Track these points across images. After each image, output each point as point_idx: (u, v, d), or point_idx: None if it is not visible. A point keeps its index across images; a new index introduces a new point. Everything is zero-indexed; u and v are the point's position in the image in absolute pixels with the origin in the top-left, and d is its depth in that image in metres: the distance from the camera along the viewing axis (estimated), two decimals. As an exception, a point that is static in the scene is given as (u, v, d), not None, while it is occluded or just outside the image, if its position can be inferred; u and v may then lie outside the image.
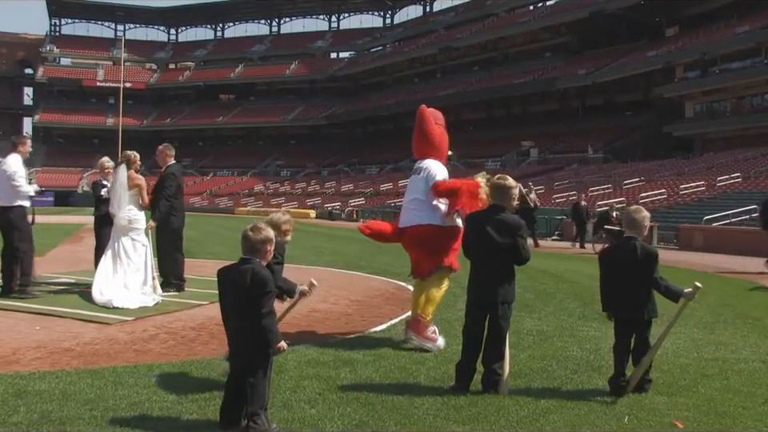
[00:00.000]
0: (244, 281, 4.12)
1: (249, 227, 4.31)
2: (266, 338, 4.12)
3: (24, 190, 9.27)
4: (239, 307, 4.17)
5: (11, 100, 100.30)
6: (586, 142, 50.35)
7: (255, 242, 4.25)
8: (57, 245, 19.07)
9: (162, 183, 9.72)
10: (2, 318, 7.81)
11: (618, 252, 5.50)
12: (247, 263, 4.21)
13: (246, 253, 4.25)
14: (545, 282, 12.13)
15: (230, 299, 4.27)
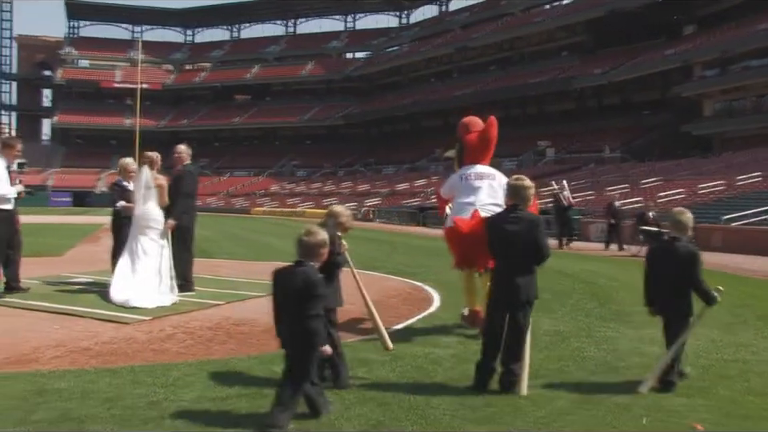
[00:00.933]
0: (295, 283, 4.34)
1: (303, 231, 4.50)
2: (310, 340, 4.32)
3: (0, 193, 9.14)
4: (289, 308, 4.37)
5: (30, 102, 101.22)
6: (603, 142, 50.07)
7: (310, 246, 4.45)
8: (75, 245, 19.21)
9: (178, 182, 9.75)
10: (22, 316, 7.89)
11: (662, 252, 5.69)
12: (300, 266, 4.40)
13: (301, 256, 4.44)
14: (561, 282, 12.07)
15: (282, 300, 4.45)
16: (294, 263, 4.45)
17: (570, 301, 9.87)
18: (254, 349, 6.43)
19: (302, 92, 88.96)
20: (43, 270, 12.31)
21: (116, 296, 8.69)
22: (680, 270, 5.45)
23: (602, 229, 26.63)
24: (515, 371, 5.22)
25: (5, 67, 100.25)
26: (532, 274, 5.39)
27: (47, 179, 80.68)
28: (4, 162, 9.31)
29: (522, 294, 5.32)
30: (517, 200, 5.51)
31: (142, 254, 8.93)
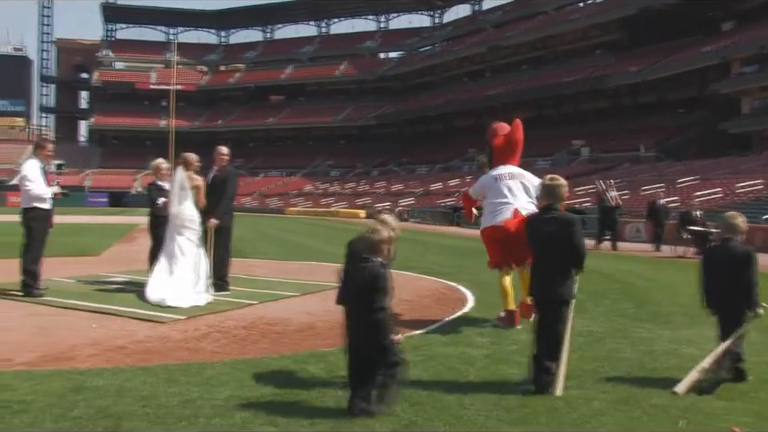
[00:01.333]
0: (362, 278, 4.57)
1: (367, 229, 4.76)
2: (379, 332, 4.57)
3: (35, 192, 9.40)
4: (357, 302, 4.63)
5: (68, 104, 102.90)
6: (638, 141, 49.45)
7: (374, 242, 4.69)
8: (111, 245, 19.45)
9: (224, 183, 9.85)
10: (60, 315, 8.02)
11: (718, 252, 5.78)
12: (366, 261, 4.62)
13: (366, 252, 4.67)
14: (596, 282, 11.95)
15: (351, 295, 4.69)
16: (359, 259, 4.68)
17: (606, 301, 9.77)
18: (287, 348, 6.46)
19: (335, 92, 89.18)
20: (81, 269, 12.50)
21: (152, 295, 8.78)
22: (736, 270, 5.51)
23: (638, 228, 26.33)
24: (551, 370, 5.19)
25: (44, 70, 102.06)
26: (567, 274, 5.38)
27: (84, 180, 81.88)
28: (39, 163, 9.55)
29: (556, 293, 5.34)
30: (551, 200, 5.57)
31: (179, 253, 9.01)
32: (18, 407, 4.50)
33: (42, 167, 9.58)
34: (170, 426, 4.21)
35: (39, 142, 10.23)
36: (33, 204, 9.43)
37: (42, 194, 9.41)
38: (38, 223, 9.46)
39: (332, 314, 8.07)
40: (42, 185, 9.44)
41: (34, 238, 9.47)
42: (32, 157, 9.77)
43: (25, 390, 4.87)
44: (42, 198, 9.42)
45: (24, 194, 9.49)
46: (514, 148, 8.45)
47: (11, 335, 6.86)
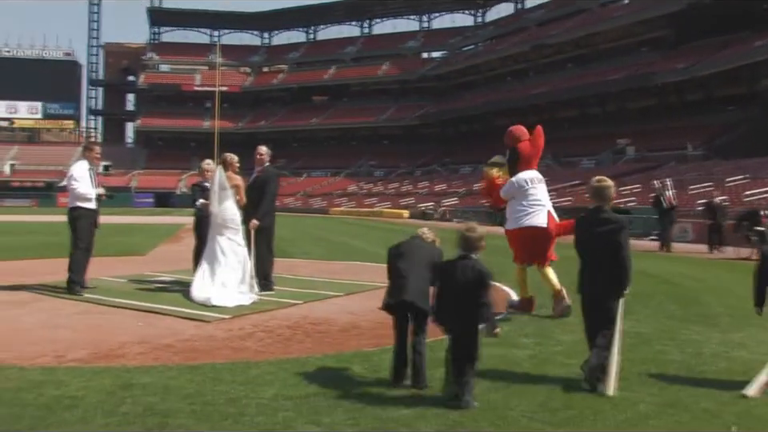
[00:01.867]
0: (466, 274, 4.85)
1: (464, 228, 5.10)
2: (485, 322, 4.93)
3: (79, 191, 9.69)
4: (462, 297, 4.87)
5: (116, 106, 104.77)
6: (685, 139, 48.51)
7: (473, 240, 5.02)
8: (158, 245, 19.72)
9: (265, 183, 9.93)
10: (109, 314, 8.17)
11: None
12: (466, 259, 4.95)
13: (464, 250, 5.00)
14: (643, 283, 11.77)
15: (453, 290, 4.91)
16: (458, 257, 4.99)
17: (653, 302, 9.62)
18: (331, 348, 6.48)
19: (378, 92, 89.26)
20: (128, 268, 12.71)
21: (197, 295, 8.89)
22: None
23: (685, 229, 25.89)
24: (597, 370, 5.23)
25: (93, 74, 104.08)
26: (613, 275, 5.39)
27: (131, 180, 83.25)
28: (86, 164, 9.83)
29: (602, 292, 5.42)
30: (600, 201, 5.64)
31: (221, 253, 9.09)
32: (69, 402, 4.60)
33: (89, 168, 9.83)
34: (216, 424, 4.26)
35: (87, 145, 10.51)
36: (77, 203, 9.72)
37: (86, 194, 9.69)
38: (83, 222, 9.74)
39: (375, 314, 8.09)
40: (87, 185, 9.72)
41: (78, 236, 9.74)
42: (81, 158, 10.07)
43: (76, 386, 4.98)
44: (86, 197, 9.69)
45: (70, 193, 9.80)
46: (538, 153, 8.90)
47: (63, 332, 7.02)
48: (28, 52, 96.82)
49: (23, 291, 9.76)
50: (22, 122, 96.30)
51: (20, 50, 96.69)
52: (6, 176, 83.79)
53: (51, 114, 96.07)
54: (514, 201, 8.64)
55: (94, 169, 10.03)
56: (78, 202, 9.76)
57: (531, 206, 8.46)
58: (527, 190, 8.51)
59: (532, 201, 8.48)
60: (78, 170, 9.81)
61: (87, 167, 9.87)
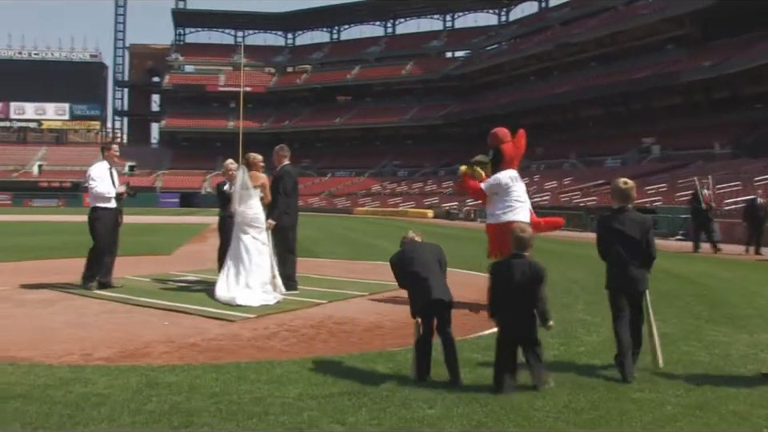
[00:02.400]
0: (524, 272, 5.16)
1: (517, 228, 5.48)
2: (540, 318, 5.20)
3: (97, 191, 9.85)
4: (519, 293, 5.16)
5: (141, 107, 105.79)
6: (712, 138, 47.97)
7: (526, 240, 5.33)
8: (183, 244, 19.86)
9: (277, 182, 9.98)
10: (135, 312, 8.24)
11: None
12: (521, 258, 5.27)
13: (518, 249, 5.32)
14: (669, 283, 11.67)
15: (511, 287, 5.19)
16: (512, 256, 5.33)
17: (678, 303, 9.51)
18: (355, 347, 6.49)
19: (402, 92, 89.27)
20: (153, 268, 12.81)
21: (222, 294, 8.93)
22: None
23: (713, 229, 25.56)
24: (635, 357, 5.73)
25: (118, 75, 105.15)
26: (644, 268, 5.86)
27: (156, 181, 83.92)
28: (105, 164, 9.99)
29: (638, 286, 5.83)
30: (626, 202, 5.93)
31: (245, 253, 9.12)
32: (96, 400, 4.65)
33: (109, 168, 9.95)
34: (240, 423, 4.28)
35: (105, 145, 10.67)
36: (96, 204, 9.88)
37: (105, 193, 9.85)
38: (101, 222, 9.90)
39: (400, 313, 8.09)
40: (106, 184, 9.88)
41: (96, 236, 9.92)
42: (100, 159, 10.22)
43: (103, 384, 5.04)
44: (105, 197, 9.83)
45: (89, 193, 9.90)
46: (520, 155, 9.44)
47: (90, 331, 7.10)
48: (56, 54, 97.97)
49: (51, 290, 9.88)
50: (50, 123, 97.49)
51: (48, 52, 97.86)
52: (35, 176, 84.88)
53: (78, 115, 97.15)
54: (496, 197, 9.01)
55: (113, 168, 10.14)
56: (96, 203, 9.92)
57: (516, 203, 8.92)
58: (510, 187, 8.94)
59: (514, 198, 8.93)
60: (96, 170, 9.97)
61: (106, 167, 10.04)
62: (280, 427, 4.23)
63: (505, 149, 9.27)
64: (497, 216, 8.96)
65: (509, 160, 9.18)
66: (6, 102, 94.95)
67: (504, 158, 9.19)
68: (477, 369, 5.67)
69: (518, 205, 8.92)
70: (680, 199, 35.18)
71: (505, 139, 9.38)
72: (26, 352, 6.10)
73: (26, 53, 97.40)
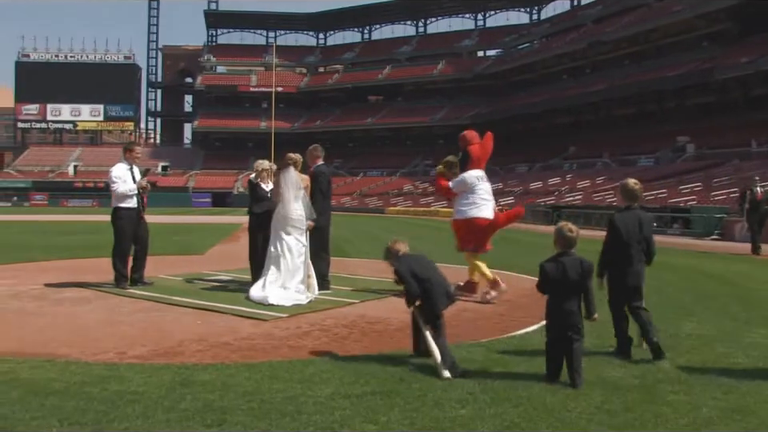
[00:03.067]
0: (576, 268, 5.46)
1: (565, 227, 5.63)
2: (589, 310, 5.54)
3: (118, 191, 10.02)
4: (573, 287, 5.46)
5: (174, 108, 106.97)
6: (749, 136, 47.18)
7: (573, 239, 5.58)
8: (215, 244, 19.99)
9: (312, 182, 10.02)
10: (168, 311, 8.31)
11: None
12: (571, 255, 5.55)
13: (566, 247, 5.57)
14: (704, 284, 11.52)
15: (566, 283, 5.46)
16: (560, 254, 5.56)
17: (715, 304, 9.38)
18: (388, 347, 6.48)
19: (433, 92, 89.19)
20: (186, 267, 12.92)
21: (255, 294, 8.97)
22: None
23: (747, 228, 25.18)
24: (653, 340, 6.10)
25: (151, 76, 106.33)
26: (643, 260, 6.31)
27: (188, 181, 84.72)
28: (126, 164, 10.19)
29: (642, 280, 6.28)
30: (634, 200, 6.41)
31: (288, 253, 9.10)
32: (131, 397, 4.71)
33: (129, 168, 10.17)
34: (273, 422, 4.30)
35: (128, 145, 10.77)
36: (117, 204, 10.06)
37: (126, 192, 10.02)
38: (123, 222, 10.07)
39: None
40: (127, 184, 10.03)
41: (119, 236, 10.10)
42: (121, 159, 10.40)
43: (137, 382, 5.09)
44: (126, 195, 10.01)
45: (112, 194, 10.03)
46: (487, 156, 10.17)
47: (125, 329, 7.18)
48: (91, 57, 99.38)
49: (86, 289, 10.01)
50: (85, 125, 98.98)
51: (83, 54, 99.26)
52: (70, 177, 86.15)
53: (112, 116, 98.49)
54: (462, 195, 9.78)
55: (134, 168, 10.30)
56: (118, 203, 10.09)
57: (482, 200, 9.73)
58: (476, 186, 9.72)
59: (479, 196, 9.72)
60: (117, 170, 10.14)
61: (126, 167, 10.21)
62: (312, 426, 4.24)
63: (472, 150, 10.04)
64: (463, 212, 9.78)
65: (476, 160, 9.94)
66: (43, 104, 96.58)
67: (471, 158, 9.96)
68: (509, 369, 5.64)
69: (482, 202, 9.73)
70: (715, 199, 34.70)
71: (473, 141, 10.17)
72: (63, 349, 6.19)
73: (62, 55, 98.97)
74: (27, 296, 9.32)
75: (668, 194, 40.22)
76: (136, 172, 10.29)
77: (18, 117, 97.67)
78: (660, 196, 40.17)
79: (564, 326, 5.42)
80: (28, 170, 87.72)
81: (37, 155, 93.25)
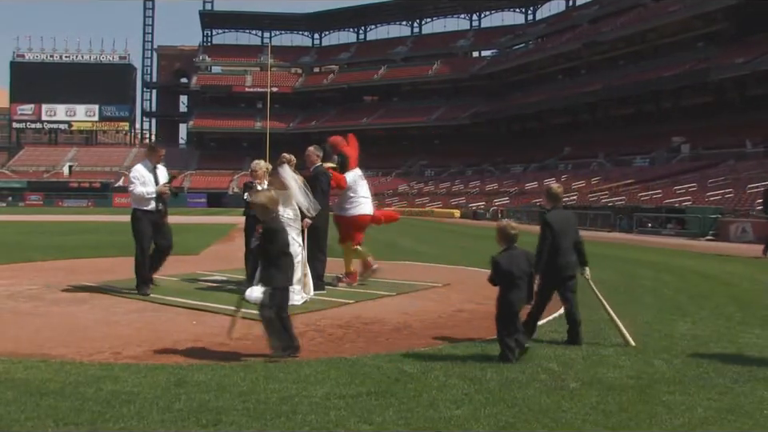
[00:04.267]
0: (524, 260, 6.21)
1: (508, 226, 6.31)
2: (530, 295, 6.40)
3: (136, 193, 9.72)
4: (522, 278, 6.14)
5: (169, 108, 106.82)
6: (744, 136, 47.26)
7: (515, 235, 6.27)
8: (210, 244, 19.98)
9: (314, 182, 9.99)
10: (163, 311, 8.31)
11: None
12: (516, 249, 6.23)
13: (510, 242, 6.24)
14: (699, 285, 11.54)
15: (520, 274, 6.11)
16: (509, 249, 6.24)
17: (710, 304, 9.40)
18: (383, 348, 6.48)
19: (429, 92, 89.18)
20: (181, 267, 12.89)
21: (250, 294, 8.94)
22: None
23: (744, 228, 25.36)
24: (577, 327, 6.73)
25: (147, 77, 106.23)
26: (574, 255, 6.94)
27: (183, 181, 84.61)
28: (148, 165, 9.85)
29: (574, 269, 6.91)
30: (558, 202, 7.15)
31: None
32: (126, 397, 4.70)
33: (153, 168, 9.87)
34: (268, 422, 4.29)
35: (153, 145, 10.58)
36: (134, 206, 9.79)
37: (141, 194, 9.67)
38: (141, 224, 9.73)
39: (427, 313, 8.09)
40: (146, 186, 9.69)
41: (137, 239, 9.81)
42: (144, 159, 10.09)
43: (132, 382, 5.09)
44: (143, 198, 9.67)
45: (130, 195, 9.92)
46: (356, 154, 11.16)
47: (120, 329, 7.17)
48: (86, 57, 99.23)
49: (82, 289, 9.99)
50: (80, 125, 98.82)
51: (78, 54, 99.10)
52: (65, 177, 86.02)
53: (107, 116, 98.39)
54: (345, 194, 10.72)
55: (158, 169, 9.95)
56: (135, 205, 9.79)
57: (364, 198, 10.80)
58: (362, 184, 10.84)
59: (360, 195, 10.74)
60: (136, 171, 9.81)
61: (150, 167, 9.84)
62: (307, 426, 4.24)
63: (348, 151, 10.92)
64: (346, 210, 10.80)
65: (353, 160, 10.86)
66: (38, 104, 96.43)
67: (348, 159, 10.81)
68: (504, 370, 5.64)
69: (363, 200, 10.78)
70: (710, 199, 34.77)
71: (342, 143, 11.05)
72: (58, 349, 6.18)
73: (57, 56, 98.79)
74: (23, 296, 9.31)
75: (663, 194, 40.30)
76: (161, 174, 9.92)
77: (12, 117, 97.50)
78: (655, 196, 40.25)
79: (516, 313, 6.15)
80: (23, 170, 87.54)
81: (32, 155, 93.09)
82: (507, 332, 6.04)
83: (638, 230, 32.53)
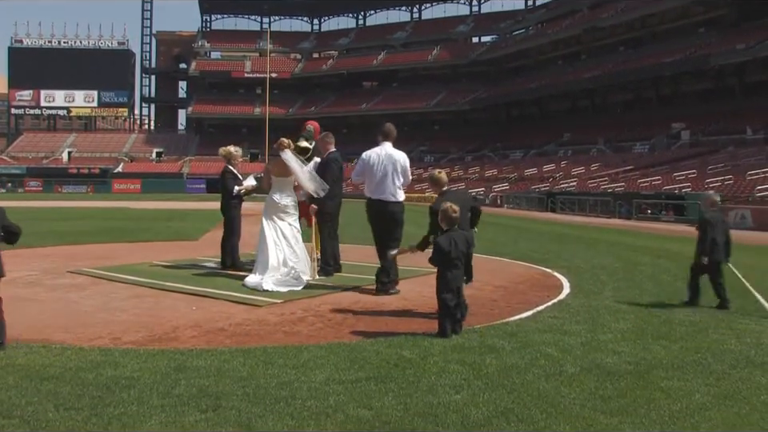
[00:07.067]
0: (464, 241, 6.54)
1: (450, 209, 6.51)
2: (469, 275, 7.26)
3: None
4: (462, 258, 6.52)
5: (168, 94, 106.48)
6: (744, 123, 47.15)
7: (458, 218, 6.56)
8: (209, 230, 19.99)
9: (324, 169, 10.02)
10: (162, 297, 8.32)
11: None
12: (456, 231, 6.54)
13: (451, 225, 6.54)
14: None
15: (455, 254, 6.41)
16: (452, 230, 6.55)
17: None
18: (382, 332, 6.49)
19: (428, 77, 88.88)
20: (181, 253, 12.92)
21: (249, 279, 8.97)
22: None
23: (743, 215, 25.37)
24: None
25: (145, 62, 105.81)
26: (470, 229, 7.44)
27: (182, 167, 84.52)
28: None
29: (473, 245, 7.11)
30: (443, 186, 7.76)
31: (283, 239, 9.07)
32: (126, 383, 4.72)
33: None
34: (268, 407, 4.31)
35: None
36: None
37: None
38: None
39: (426, 299, 8.09)
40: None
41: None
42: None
43: (132, 368, 5.10)
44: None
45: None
46: None
47: (119, 315, 7.19)
48: (84, 43, 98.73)
49: (81, 275, 10.00)
50: (79, 111, 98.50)
51: (77, 40, 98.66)
52: (64, 163, 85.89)
53: (106, 102, 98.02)
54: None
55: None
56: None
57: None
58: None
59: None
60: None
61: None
62: (306, 411, 4.25)
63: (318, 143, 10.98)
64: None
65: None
66: (36, 90, 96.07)
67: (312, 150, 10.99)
68: (503, 356, 5.66)
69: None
70: (710, 186, 34.75)
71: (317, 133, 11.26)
72: (58, 335, 6.20)
73: (56, 41, 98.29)
74: (22, 282, 9.31)
75: (663, 180, 40.27)
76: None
77: (11, 103, 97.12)
78: (654, 183, 40.22)
79: (459, 289, 6.43)
80: (22, 156, 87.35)
81: (31, 141, 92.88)
82: (447, 309, 6.30)
83: (637, 217, 32.54)
